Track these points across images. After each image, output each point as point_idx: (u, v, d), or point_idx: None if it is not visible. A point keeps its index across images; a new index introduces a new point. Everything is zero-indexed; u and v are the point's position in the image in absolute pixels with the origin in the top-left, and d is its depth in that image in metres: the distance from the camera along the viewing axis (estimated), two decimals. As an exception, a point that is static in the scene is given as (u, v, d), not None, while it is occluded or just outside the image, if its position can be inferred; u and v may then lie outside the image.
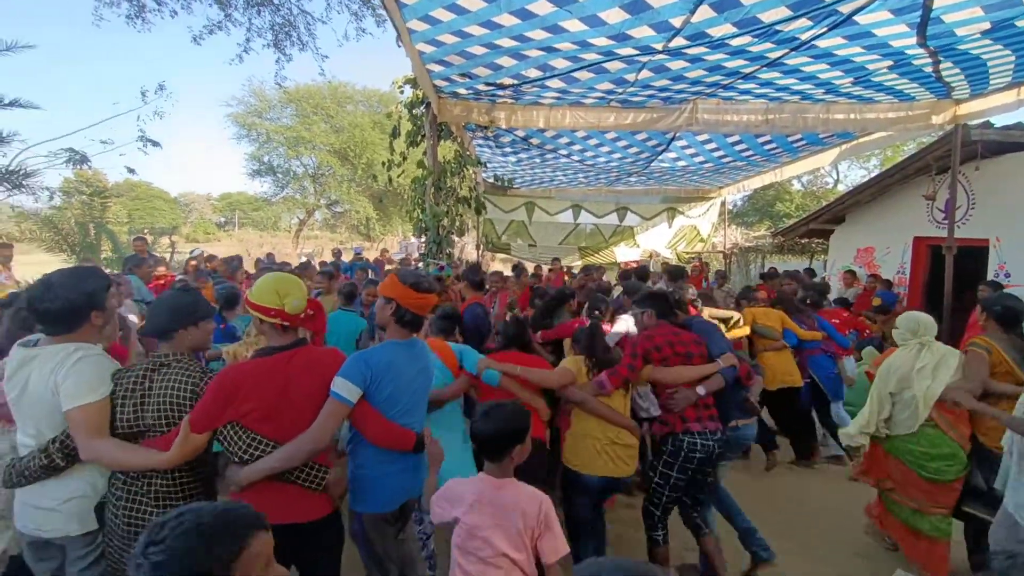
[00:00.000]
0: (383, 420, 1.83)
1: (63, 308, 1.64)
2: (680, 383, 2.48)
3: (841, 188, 22.03)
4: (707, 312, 3.60)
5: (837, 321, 4.82)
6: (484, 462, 1.64)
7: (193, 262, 7.41)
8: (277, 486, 1.70)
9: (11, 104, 9.86)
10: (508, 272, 9.79)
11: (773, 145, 6.59)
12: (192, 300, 1.87)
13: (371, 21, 8.11)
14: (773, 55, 3.78)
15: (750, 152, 6.93)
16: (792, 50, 3.67)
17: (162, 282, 5.66)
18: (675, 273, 4.73)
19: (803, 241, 9.75)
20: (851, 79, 4.27)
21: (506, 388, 2.46)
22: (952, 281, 4.85)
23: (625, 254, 10.77)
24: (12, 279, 5.74)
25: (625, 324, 2.89)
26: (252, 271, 6.97)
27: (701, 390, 2.45)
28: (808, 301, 4.71)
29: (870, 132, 5.93)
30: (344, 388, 1.73)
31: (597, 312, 3.06)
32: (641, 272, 5.18)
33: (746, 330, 4.06)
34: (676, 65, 4.01)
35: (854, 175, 25.19)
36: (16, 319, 2.12)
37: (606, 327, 2.91)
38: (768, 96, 4.89)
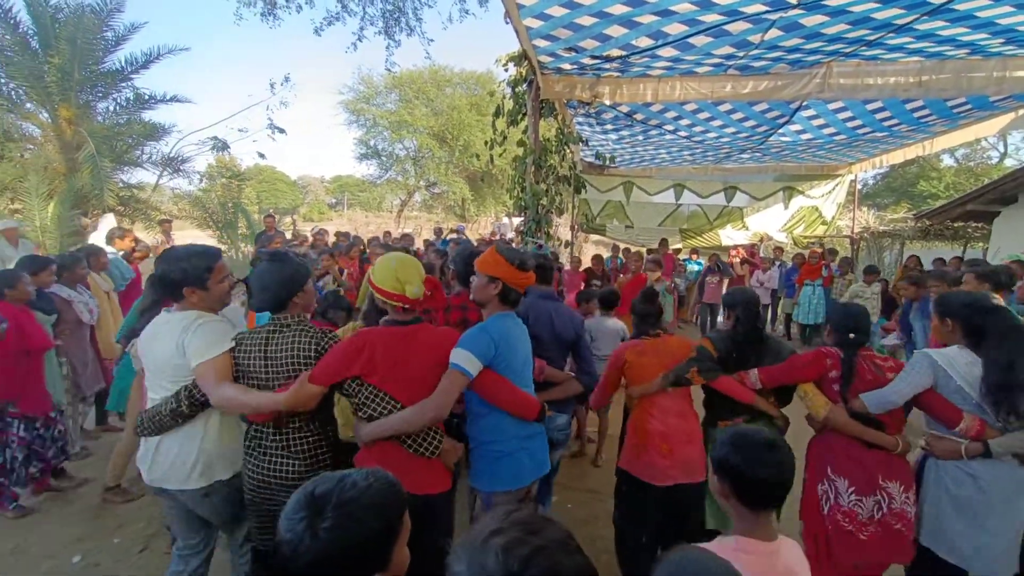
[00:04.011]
0: (513, 387, 1.87)
1: (166, 279, 1.88)
2: None
3: (1010, 164, 18.45)
4: None
5: None
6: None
7: (323, 237, 8.24)
8: (402, 454, 1.75)
9: (171, 100, 11.52)
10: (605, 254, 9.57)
11: (925, 112, 5.64)
12: (292, 269, 1.93)
13: (474, 2, 8.19)
14: None
15: (894, 121, 6.01)
16: (968, -9, 3.08)
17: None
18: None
19: (956, 225, 8.31)
20: (1046, 24, 3.49)
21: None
22: None
23: (732, 237, 10.00)
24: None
25: None
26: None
27: None
28: None
29: (1063, 91, 4.85)
30: (465, 359, 1.76)
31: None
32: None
33: None
34: (812, 20, 3.55)
35: (1027, 147, 21.03)
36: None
37: None
38: (925, 52, 4.17)
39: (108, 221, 6.51)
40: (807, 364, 2.19)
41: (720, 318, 7.77)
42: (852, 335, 2.12)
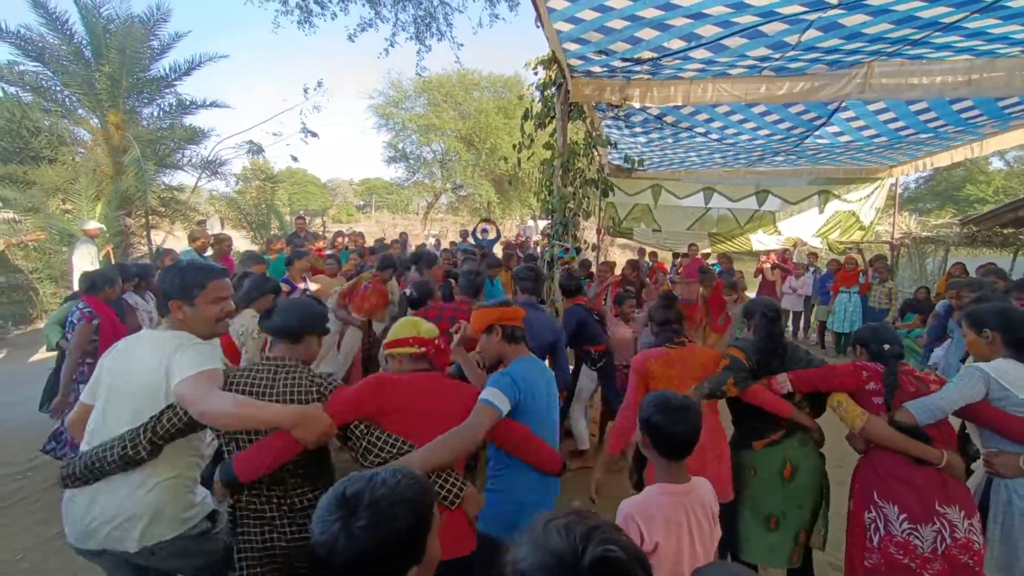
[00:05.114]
0: (533, 436, 1.85)
1: (159, 288, 1.75)
2: None
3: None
4: None
5: None
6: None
7: (340, 238, 8.41)
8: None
9: (211, 105, 11.97)
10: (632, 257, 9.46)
11: (974, 112, 5.39)
12: (322, 312, 1.84)
13: (504, 6, 8.24)
14: (993, -4, 3.05)
15: (940, 122, 5.76)
16: (1024, -13, 2.93)
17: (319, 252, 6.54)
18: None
19: (1006, 232, 7.88)
20: (1111, 19, 3.29)
21: None
22: None
23: (763, 242, 9.74)
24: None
25: None
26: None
27: None
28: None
29: None
30: (496, 397, 1.73)
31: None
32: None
33: None
34: (852, 20, 3.43)
35: (1085, 149, 19.80)
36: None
37: None
38: (975, 50, 3.99)
39: (212, 224, 6.95)
40: (843, 374, 2.07)
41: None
42: (887, 346, 2.05)
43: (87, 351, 3.34)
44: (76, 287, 7.11)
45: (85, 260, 6.53)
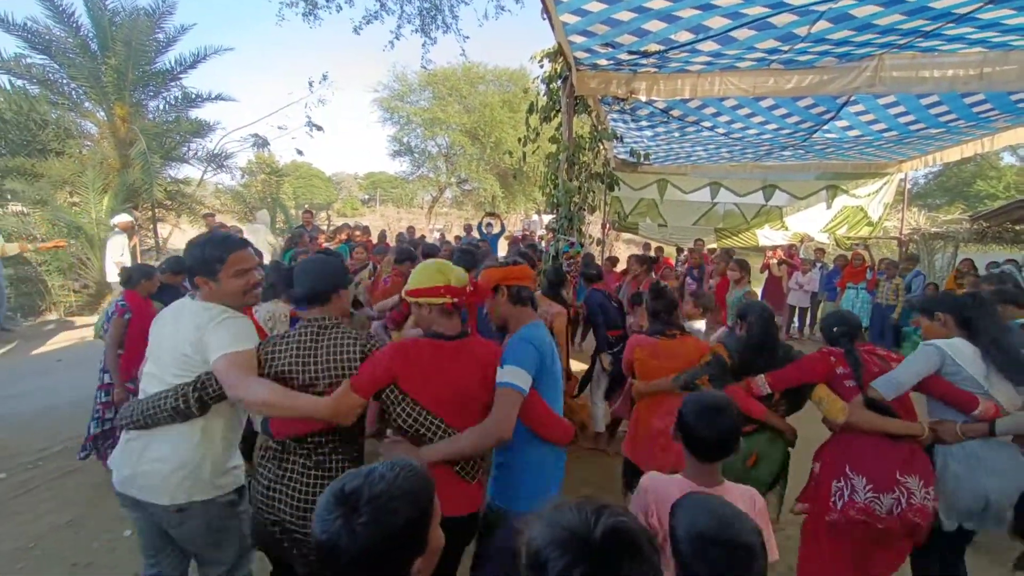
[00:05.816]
0: (549, 409, 1.77)
1: (187, 268, 1.74)
2: None
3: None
4: None
5: None
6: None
7: (346, 231, 8.40)
8: (446, 476, 1.60)
9: (217, 98, 11.98)
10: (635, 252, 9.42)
11: (986, 106, 5.32)
12: (339, 262, 1.81)
13: (509, -1, 8.19)
14: (1008, -13, 3.00)
15: (951, 116, 5.69)
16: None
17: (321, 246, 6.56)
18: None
19: (1016, 228, 7.80)
20: None
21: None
22: None
23: (770, 237, 9.68)
24: None
25: None
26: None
27: None
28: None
29: None
30: (518, 377, 1.63)
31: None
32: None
33: None
34: (864, 11, 3.39)
35: (1098, 144, 19.51)
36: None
37: None
38: (988, 42, 3.93)
39: (263, 216, 7.09)
40: (813, 362, 2.21)
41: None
42: (836, 328, 2.22)
43: (120, 344, 3.45)
44: (109, 279, 7.41)
45: (117, 252, 6.77)
